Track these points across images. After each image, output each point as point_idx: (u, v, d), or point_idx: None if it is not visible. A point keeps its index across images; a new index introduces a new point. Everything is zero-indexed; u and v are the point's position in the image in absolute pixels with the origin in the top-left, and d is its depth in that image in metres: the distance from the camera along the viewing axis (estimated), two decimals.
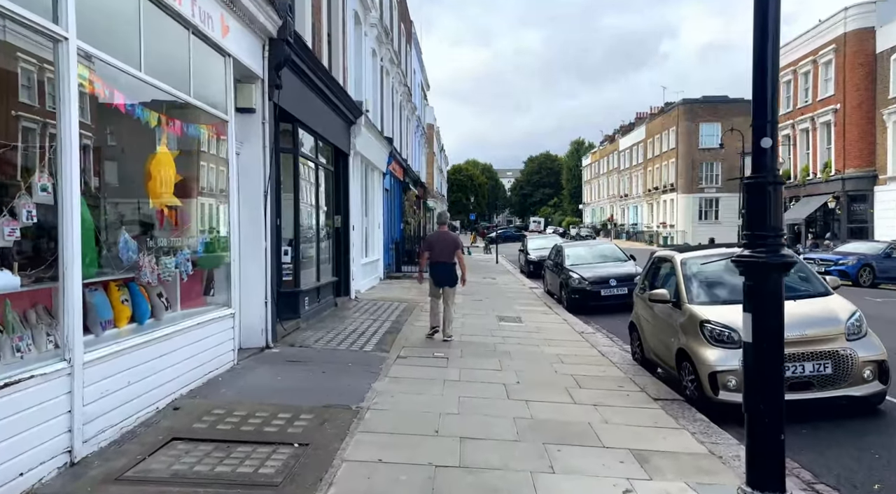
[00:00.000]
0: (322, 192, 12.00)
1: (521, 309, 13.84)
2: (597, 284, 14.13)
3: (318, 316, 10.86)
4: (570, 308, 14.24)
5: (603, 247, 16.43)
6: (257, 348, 7.88)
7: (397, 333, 9.85)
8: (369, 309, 12.46)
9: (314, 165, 11.14)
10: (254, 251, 7.88)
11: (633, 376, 7.52)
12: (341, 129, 13.04)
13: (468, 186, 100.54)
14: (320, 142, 11.46)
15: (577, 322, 12.25)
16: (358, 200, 15.22)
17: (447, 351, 8.58)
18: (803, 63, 35.77)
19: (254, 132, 7.92)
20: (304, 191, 10.81)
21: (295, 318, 9.70)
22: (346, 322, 10.73)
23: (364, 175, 16.48)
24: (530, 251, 25.33)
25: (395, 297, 14.87)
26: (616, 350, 9.39)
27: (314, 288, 10.85)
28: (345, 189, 13.68)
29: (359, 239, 15.19)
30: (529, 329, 10.98)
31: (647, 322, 8.09)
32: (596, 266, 15.15)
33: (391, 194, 22.47)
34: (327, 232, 12.56)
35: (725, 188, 56.53)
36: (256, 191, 7.91)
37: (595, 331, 11.33)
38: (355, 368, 7.26)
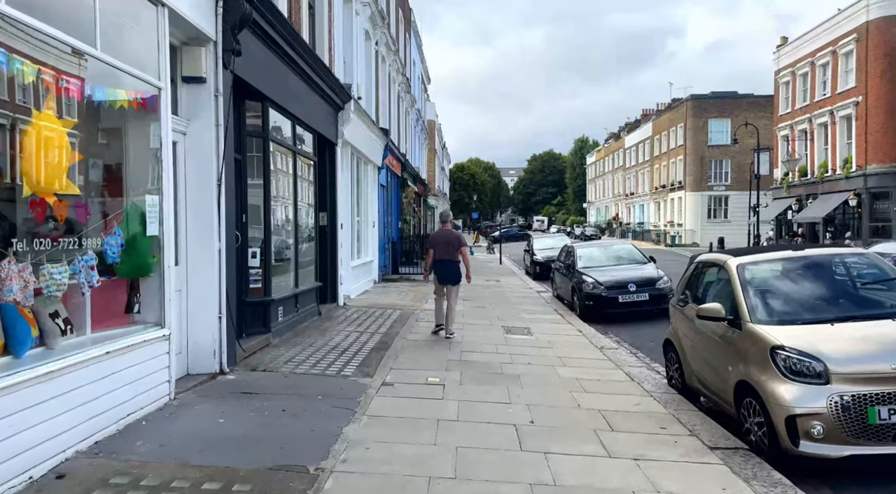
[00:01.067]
0: (302, 185, 10.49)
1: (528, 317, 12.31)
2: (614, 289, 12.60)
3: (295, 328, 9.35)
4: (583, 315, 12.72)
5: (619, 248, 14.89)
6: (207, 375, 6.37)
7: (386, 350, 8.34)
8: (357, 319, 10.95)
9: (291, 153, 9.63)
10: (203, 254, 6.38)
11: (675, 411, 6.00)
12: (326, 115, 11.53)
13: (471, 185, 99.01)
14: (299, 127, 9.95)
15: (594, 333, 10.72)
16: (347, 196, 13.71)
17: (444, 375, 7.06)
18: (821, 54, 34.15)
19: (204, 107, 6.41)
20: (278, 182, 9.31)
21: (264, 333, 8.19)
22: (327, 335, 9.22)
23: (355, 168, 14.97)
24: (536, 251, 23.81)
25: (389, 304, 13.36)
26: (646, 372, 7.86)
27: (291, 297, 9.34)
28: (331, 182, 12.18)
29: (348, 238, 13.69)
30: (540, 342, 9.47)
31: (688, 341, 6.57)
32: (612, 269, 13.62)
33: (388, 190, 20.97)
34: (310, 231, 11.06)
35: (735, 186, 54.99)
36: (207, 179, 6.41)
37: (616, 345, 9.81)
38: (326, 403, 5.75)
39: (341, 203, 13.18)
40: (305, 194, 10.79)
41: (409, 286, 17.55)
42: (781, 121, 38.84)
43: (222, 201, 6.49)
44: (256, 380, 6.42)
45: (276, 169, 9.22)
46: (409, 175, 26.59)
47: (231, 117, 7.31)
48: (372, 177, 17.15)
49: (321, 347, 8.32)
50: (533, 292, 17.44)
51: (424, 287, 17.31)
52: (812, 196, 35.02)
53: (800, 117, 36.37)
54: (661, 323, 12.29)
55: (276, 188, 9.27)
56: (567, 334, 10.43)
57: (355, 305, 12.75)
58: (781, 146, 38.90)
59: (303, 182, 10.56)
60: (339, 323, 10.46)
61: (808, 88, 35.80)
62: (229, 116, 6.81)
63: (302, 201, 10.51)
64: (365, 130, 15.02)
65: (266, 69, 8.13)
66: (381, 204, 18.74)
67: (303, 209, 10.62)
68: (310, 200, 11.04)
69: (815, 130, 34.94)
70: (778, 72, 39.32)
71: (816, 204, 33.83)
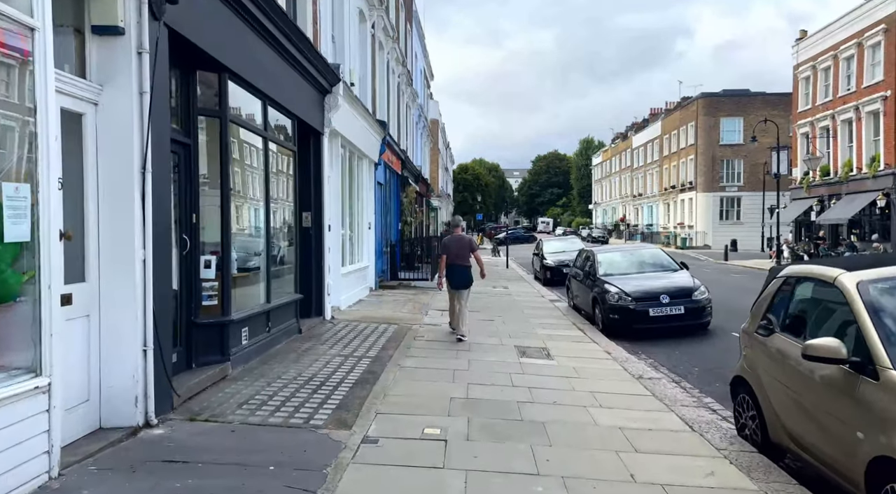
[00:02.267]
0: (278, 179, 8.85)
1: (544, 333, 10.62)
2: (643, 301, 10.89)
3: (264, 353, 7.68)
4: (607, 330, 11.03)
5: (645, 253, 13.16)
6: (125, 429, 4.71)
7: (373, 383, 6.66)
8: (345, 337, 9.28)
9: (262, 141, 7.98)
10: (119, 266, 4.72)
11: (766, 483, 4.31)
12: (310, 99, 9.88)
13: (475, 186, 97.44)
14: (274, 110, 8.30)
15: (625, 355, 9.03)
16: (337, 193, 12.06)
17: (446, 423, 5.38)
18: (846, 47, 32.38)
19: (122, 69, 4.75)
20: (244, 175, 7.66)
21: (221, 362, 6.53)
22: (304, 361, 7.55)
23: (347, 162, 13.33)
24: (547, 255, 22.11)
25: (384, 316, 11.69)
26: (704, 415, 6.16)
27: (260, 314, 7.68)
28: (317, 177, 10.52)
29: (338, 242, 12.03)
30: (564, 369, 7.77)
31: (776, 384, 4.87)
32: (639, 277, 11.92)
33: (386, 189, 19.31)
34: (289, 234, 9.41)
35: (748, 186, 53.28)
36: (125, 166, 4.75)
37: (654, 371, 8.11)
38: (279, 480, 4.07)
39: (329, 201, 11.51)
40: (282, 190, 9.14)
41: (409, 294, 15.88)
42: (801, 117, 37.06)
43: (148, 195, 4.83)
44: (191, 438, 4.75)
45: (241, 158, 7.56)
46: (409, 173, 24.94)
47: (172, 87, 5.68)
48: (367, 174, 15.50)
49: (293, 379, 6.64)
50: (545, 301, 15.74)
51: (425, 295, 15.65)
52: (835, 196, 33.21)
53: (821, 114, 34.58)
54: (698, 340, 10.62)
55: (241, 182, 7.62)
56: (593, 357, 8.74)
57: (345, 319, 11.08)
58: (801, 144, 37.13)
59: (279, 175, 8.91)
60: (323, 343, 8.79)
61: (830, 83, 34.02)
62: (163, 83, 5.15)
63: (278, 198, 8.86)
64: (358, 120, 13.37)
65: (226, 32, 6.48)
66: (378, 203, 17.08)
67: (279, 208, 8.97)
68: (289, 197, 9.39)
69: (838, 127, 33.15)
70: (797, 66, 37.55)
71: (841, 204, 32.02)
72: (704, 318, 11.03)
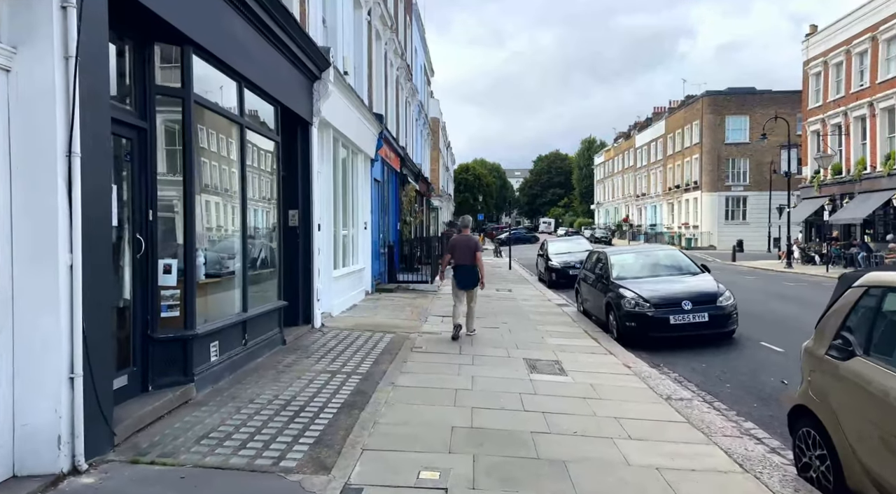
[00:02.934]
0: (258, 173, 7.90)
1: (554, 342, 9.66)
2: (663, 308, 9.93)
3: (239, 370, 6.73)
4: (623, 339, 10.08)
5: (662, 255, 12.17)
6: (46, 477, 3.76)
7: (362, 407, 5.71)
8: (334, 349, 8.32)
9: (237, 128, 7.03)
10: (38, 275, 3.77)
11: None
12: (296, 84, 8.93)
13: (476, 186, 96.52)
14: (252, 94, 7.35)
15: (647, 368, 8.07)
16: (329, 189, 11.11)
17: (446, 463, 4.42)
18: (858, 41, 31.40)
19: (40, 27, 3.81)
20: (213, 166, 6.71)
21: (182, 384, 5.58)
22: (283, 380, 6.59)
23: (340, 156, 12.38)
24: (552, 256, 21.16)
25: (380, 323, 10.73)
26: (752, 447, 5.19)
27: (235, 325, 6.73)
28: (305, 172, 9.57)
29: (329, 242, 11.08)
30: (582, 389, 6.81)
31: (855, 417, 3.90)
32: (657, 280, 10.95)
33: (384, 187, 18.36)
34: (271, 234, 8.45)
35: (754, 186, 52.41)
36: (45, 148, 3.80)
37: (685, 390, 7.16)
38: None
39: (320, 198, 10.58)
40: (264, 185, 8.19)
41: (408, 298, 14.93)
42: (812, 115, 36.09)
43: (76, 184, 3.89)
44: (128, 487, 3.79)
45: (212, 147, 6.61)
46: (409, 171, 23.99)
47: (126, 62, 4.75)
48: (363, 170, 14.54)
49: (268, 403, 5.69)
50: (553, 305, 14.78)
51: (424, 299, 14.71)
52: (847, 195, 32.23)
53: (833, 110, 33.61)
54: (723, 350, 9.65)
55: (212, 174, 6.66)
56: (613, 372, 7.77)
57: (336, 327, 10.12)
58: (812, 142, 36.16)
59: (259, 168, 7.96)
60: (309, 356, 7.83)
61: (842, 79, 33.06)
62: (101, 50, 4.21)
63: (258, 194, 7.91)
64: (352, 112, 12.42)
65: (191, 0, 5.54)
66: (374, 201, 16.14)
67: (259, 205, 8.02)
68: (271, 193, 8.43)
69: (850, 124, 32.17)
70: (807, 62, 36.57)
71: (854, 204, 31.03)
72: (730, 326, 10.08)
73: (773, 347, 9.66)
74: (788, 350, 9.43)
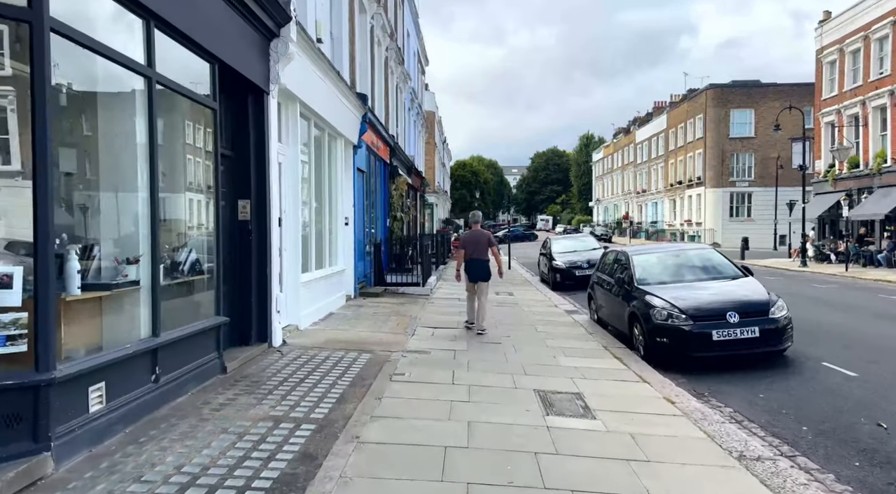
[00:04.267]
0: (179, 149, 5.99)
1: (570, 364, 7.78)
2: (704, 320, 8.04)
3: (143, 418, 4.82)
4: (652, 358, 8.22)
5: (693, 255, 10.21)
6: None
7: (309, 481, 3.82)
8: (288, 380, 6.42)
9: (143, 82, 5.10)
10: None
11: None
12: (243, 37, 7.01)
13: (473, 183, 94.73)
14: (166, 37, 5.43)
15: (695, 404, 6.19)
16: (296, 176, 9.19)
17: None
18: (878, 27, 29.57)
19: None
20: (102, 136, 4.80)
21: (29, 455, 3.68)
22: (199, 435, 4.68)
23: (311, 138, 10.45)
24: (556, 255, 19.28)
25: (357, 339, 8.84)
26: None
27: (135, 357, 4.82)
28: (259, 152, 7.66)
29: (295, 240, 9.16)
30: (620, 443, 4.92)
31: None
32: (691, 286, 9.07)
33: (371, 179, 16.46)
34: (208, 229, 6.54)
35: (759, 182, 50.72)
36: None
37: (751, 436, 5.28)
38: None
39: (284, 186, 8.72)
40: (191, 166, 6.28)
41: (395, 303, 13.03)
42: (825, 106, 34.27)
43: None
44: None
45: (89, 105, 4.70)
46: (400, 163, 22.08)
47: None
48: (343, 157, 12.63)
49: (162, 482, 3.79)
50: (560, 313, 12.90)
51: (414, 305, 12.83)
52: (866, 190, 30.39)
53: (849, 100, 31.78)
54: (779, 372, 7.73)
55: (97, 144, 4.75)
56: (654, 411, 5.88)
57: (301, 344, 8.22)
58: (826, 134, 34.34)
59: (185, 144, 6.05)
60: (253, 391, 5.93)
61: (860, 67, 31.23)
62: None
63: (182, 177, 6.00)
64: (326, 85, 10.49)
65: None
66: (358, 194, 14.23)
67: (186, 191, 6.11)
68: (206, 177, 6.51)
69: (869, 114, 30.35)
70: (820, 50, 34.73)
71: (874, 199, 29.20)
72: (784, 344, 8.21)
73: (840, 370, 7.79)
74: (863, 373, 7.57)
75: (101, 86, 4.92)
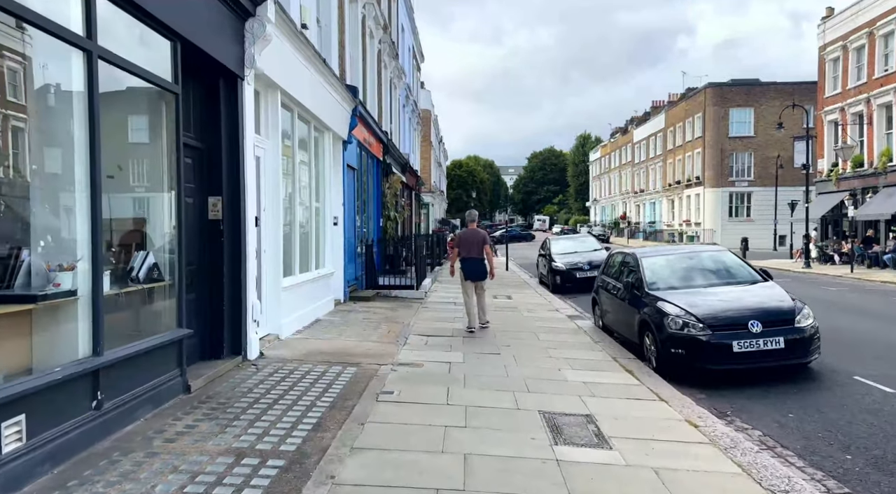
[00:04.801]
0: (131, 136, 5.23)
1: (578, 378, 7.04)
2: (723, 329, 7.30)
3: (79, 454, 4.07)
4: (665, 370, 7.49)
5: (707, 257, 9.44)
6: None
7: None
8: (260, 401, 5.66)
9: (82, 57, 4.33)
10: None
11: None
12: (212, 14, 6.25)
13: (469, 182, 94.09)
14: (113, 5, 4.66)
15: (723, 428, 5.45)
16: (276, 171, 8.43)
17: None
18: (883, 23, 28.94)
19: None
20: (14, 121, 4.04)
21: None
22: (142, 476, 3.91)
23: (295, 131, 9.68)
24: (556, 257, 18.54)
25: (342, 349, 8.08)
26: None
27: (67, 382, 4.05)
28: (231, 144, 6.89)
29: (276, 241, 8.39)
30: (643, 481, 4.18)
31: None
32: (708, 291, 8.33)
33: (363, 177, 15.70)
34: (167, 229, 5.77)
35: (759, 181, 50.13)
36: None
37: (791, 469, 4.55)
38: None
39: (264, 181, 7.97)
40: (146, 159, 5.52)
41: (387, 308, 12.28)
42: (828, 103, 33.63)
43: None
44: None
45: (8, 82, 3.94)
46: (394, 161, 21.31)
47: None
48: (331, 152, 11.87)
49: None
50: (562, 318, 12.16)
51: (407, 309, 12.09)
52: (871, 190, 29.75)
53: (853, 98, 31.16)
54: (806, 386, 6.98)
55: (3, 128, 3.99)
56: (678, 438, 5.13)
57: (280, 357, 7.45)
58: (828, 132, 33.72)
59: (140, 130, 5.30)
60: (216, 416, 5.16)
61: (864, 64, 30.60)
62: None
63: (131, 169, 5.25)
64: (312, 75, 9.73)
65: None
66: (349, 192, 13.47)
67: (130, 188, 5.35)
68: (168, 170, 5.73)
69: (874, 112, 29.71)
70: (823, 47, 34.09)
71: (879, 198, 28.56)
72: (812, 356, 7.48)
73: (877, 385, 7.06)
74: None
75: (32, 59, 4.16)
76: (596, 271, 17.07)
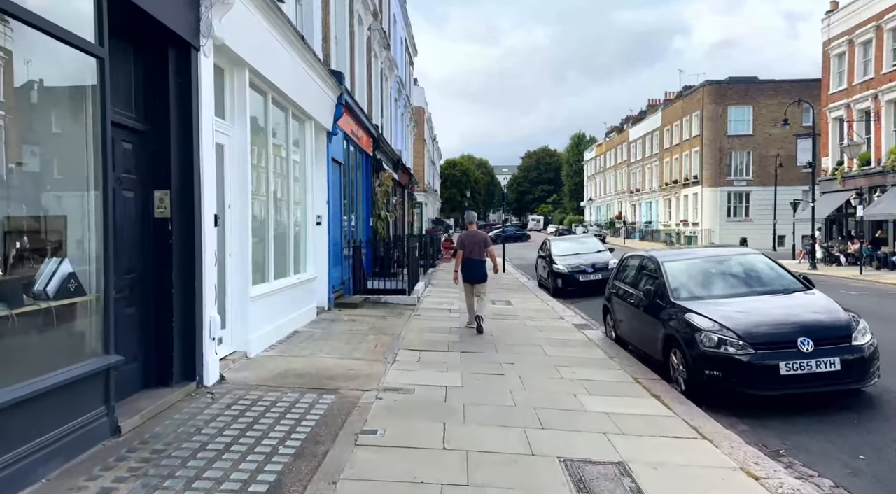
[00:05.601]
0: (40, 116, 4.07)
1: (598, 407, 5.91)
2: (767, 348, 6.20)
3: None
4: (698, 395, 6.37)
5: (738, 261, 8.23)
6: None
7: None
8: (205, 448, 4.50)
9: None
10: None
11: None
12: None
13: (463, 182, 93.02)
14: None
15: (791, 481, 4.34)
16: (242, 163, 7.25)
17: None
18: (891, 16, 27.99)
19: None
20: None
21: None
22: None
23: (268, 116, 8.50)
24: (557, 259, 17.42)
25: (322, 370, 6.92)
26: None
27: None
28: (183, 128, 5.72)
29: (244, 243, 7.22)
30: None
31: None
32: (743, 302, 7.19)
33: (350, 172, 14.54)
34: (84, 230, 4.59)
35: (757, 181, 49.28)
36: None
37: None
38: None
39: (229, 174, 6.81)
40: (61, 142, 4.35)
41: (376, 316, 11.12)
42: (833, 100, 32.67)
43: None
44: None
45: None
46: (386, 158, 20.14)
47: None
48: (313, 144, 10.70)
49: None
50: (568, 327, 11.04)
51: (399, 318, 10.94)
52: (878, 188, 28.79)
53: (860, 94, 30.20)
54: (861, 414, 5.96)
55: None
56: None
57: (243, 382, 6.28)
58: (833, 130, 32.76)
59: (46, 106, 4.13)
60: (145, 472, 4.00)
61: (871, 58, 29.65)
62: None
63: (41, 158, 4.08)
64: (288, 53, 8.56)
65: None
66: (334, 189, 12.31)
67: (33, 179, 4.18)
68: (89, 159, 4.55)
69: (882, 109, 28.76)
70: (828, 42, 33.15)
71: (888, 197, 27.59)
72: (871, 380, 6.38)
73: None
74: None
75: None
76: (600, 274, 16.02)
